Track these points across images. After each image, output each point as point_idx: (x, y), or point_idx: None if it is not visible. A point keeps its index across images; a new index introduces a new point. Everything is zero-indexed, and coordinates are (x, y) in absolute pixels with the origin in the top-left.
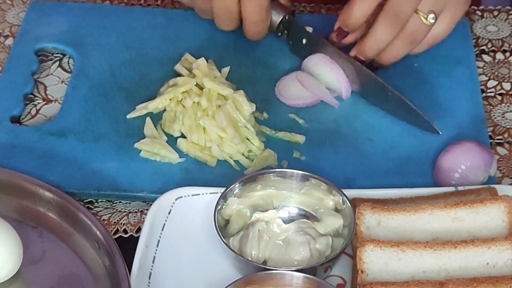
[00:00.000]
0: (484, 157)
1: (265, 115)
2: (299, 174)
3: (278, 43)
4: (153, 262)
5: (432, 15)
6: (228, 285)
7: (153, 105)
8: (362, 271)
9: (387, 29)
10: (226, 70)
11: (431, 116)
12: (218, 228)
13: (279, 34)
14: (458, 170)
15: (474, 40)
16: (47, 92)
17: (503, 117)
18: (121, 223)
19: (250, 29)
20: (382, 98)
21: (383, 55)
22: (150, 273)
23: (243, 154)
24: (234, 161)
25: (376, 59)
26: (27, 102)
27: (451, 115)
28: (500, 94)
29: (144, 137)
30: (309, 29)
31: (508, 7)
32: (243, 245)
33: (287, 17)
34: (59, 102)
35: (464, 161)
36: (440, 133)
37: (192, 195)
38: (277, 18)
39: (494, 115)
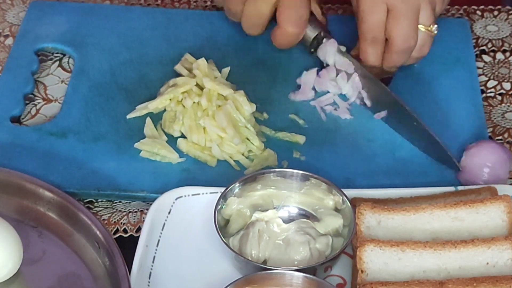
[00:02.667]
0: (506, 152)
1: (265, 115)
2: (299, 173)
3: None
4: (153, 262)
5: (435, 26)
6: (228, 285)
7: (153, 105)
8: (362, 271)
9: (401, 58)
10: (226, 70)
11: (432, 116)
12: (218, 228)
13: (312, 50)
14: (485, 169)
15: (474, 40)
16: (47, 92)
17: (503, 117)
18: (121, 223)
19: (282, 38)
20: (406, 126)
21: None
22: (150, 273)
23: (243, 154)
24: (234, 161)
25: None
26: (27, 102)
27: (451, 116)
28: (500, 94)
29: (144, 137)
30: (342, 48)
31: (508, 7)
32: (243, 245)
33: (322, 34)
34: (59, 102)
35: (490, 159)
36: (461, 169)
37: (192, 195)
38: (312, 33)
39: (494, 115)
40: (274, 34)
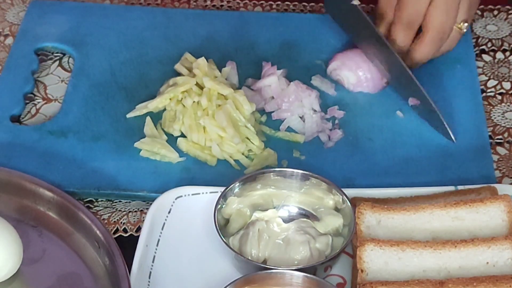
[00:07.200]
0: None
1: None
2: (299, 173)
3: (278, 43)
4: (153, 262)
5: (466, 24)
6: (228, 285)
7: (153, 105)
8: (362, 271)
9: (432, 48)
10: (226, 69)
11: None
12: (218, 228)
13: None
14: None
15: (474, 40)
16: (47, 91)
17: (503, 116)
18: (121, 222)
19: None
20: (409, 93)
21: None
22: (150, 273)
23: (243, 154)
24: (234, 160)
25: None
26: (27, 101)
27: (451, 115)
28: (500, 94)
29: (144, 136)
30: (356, 2)
31: (508, 7)
32: (243, 245)
33: None
34: (59, 102)
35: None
36: (455, 141)
37: (192, 194)
38: None
39: (494, 115)
40: None
